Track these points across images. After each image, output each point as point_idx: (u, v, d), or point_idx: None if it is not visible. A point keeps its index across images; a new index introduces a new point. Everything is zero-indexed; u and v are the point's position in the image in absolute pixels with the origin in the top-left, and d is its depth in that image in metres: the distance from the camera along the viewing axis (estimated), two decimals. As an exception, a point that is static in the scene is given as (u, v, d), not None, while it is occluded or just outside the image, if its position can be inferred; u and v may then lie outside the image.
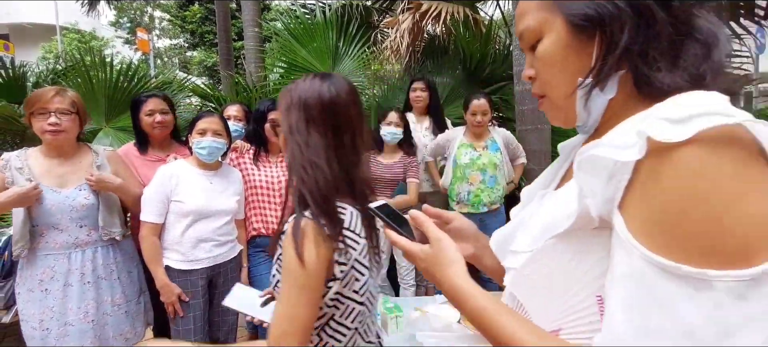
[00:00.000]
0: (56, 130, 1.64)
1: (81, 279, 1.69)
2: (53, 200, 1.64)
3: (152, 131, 2.09)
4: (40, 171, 1.65)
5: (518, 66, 3.02)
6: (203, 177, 1.95)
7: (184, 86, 4.73)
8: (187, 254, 1.89)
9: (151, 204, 1.82)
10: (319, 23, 4.39)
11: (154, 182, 1.84)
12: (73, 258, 1.69)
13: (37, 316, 1.61)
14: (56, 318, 1.64)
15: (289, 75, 4.23)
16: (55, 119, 1.63)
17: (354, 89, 0.97)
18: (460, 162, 2.66)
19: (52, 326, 1.64)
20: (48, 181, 1.65)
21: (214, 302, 2.03)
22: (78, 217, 1.68)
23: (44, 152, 1.70)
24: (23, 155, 1.65)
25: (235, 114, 2.52)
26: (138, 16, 18.63)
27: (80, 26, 16.87)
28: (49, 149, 1.69)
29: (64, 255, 1.67)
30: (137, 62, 4.91)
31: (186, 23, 14.94)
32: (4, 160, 1.62)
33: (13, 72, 4.04)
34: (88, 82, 3.75)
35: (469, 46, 3.85)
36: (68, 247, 1.68)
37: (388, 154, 2.73)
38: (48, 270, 1.65)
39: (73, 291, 1.68)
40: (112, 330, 1.77)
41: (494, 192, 2.62)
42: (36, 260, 1.64)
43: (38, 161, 1.67)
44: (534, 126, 2.98)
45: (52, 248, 1.66)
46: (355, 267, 0.90)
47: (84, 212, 1.70)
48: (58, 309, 1.65)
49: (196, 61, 15.06)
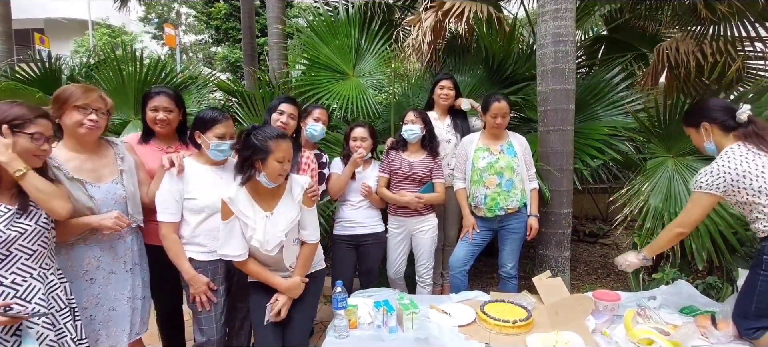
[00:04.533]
0: (94, 126, 1.71)
1: (124, 266, 1.81)
2: (98, 195, 1.72)
3: (154, 126, 2.13)
4: (74, 167, 1.69)
5: (542, 66, 2.97)
6: (212, 173, 1.99)
7: (209, 81, 4.84)
8: (208, 246, 1.94)
9: (165, 205, 1.88)
10: (341, 21, 4.42)
11: (164, 184, 1.89)
12: (118, 247, 1.79)
13: (80, 305, 1.68)
14: (101, 303, 1.75)
15: (311, 72, 4.28)
16: (95, 116, 1.70)
17: None
18: (477, 166, 2.63)
19: (96, 312, 1.74)
20: (85, 177, 1.72)
21: (231, 289, 2.09)
22: (119, 209, 1.77)
23: (70, 147, 1.73)
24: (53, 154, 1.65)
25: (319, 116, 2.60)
26: (165, 13, 19.11)
27: (110, 22, 17.44)
28: (78, 144, 1.74)
29: (109, 245, 1.77)
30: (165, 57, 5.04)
31: (211, 20, 15.22)
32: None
33: (50, 65, 4.21)
34: (119, 76, 3.88)
35: (491, 45, 3.81)
36: (113, 237, 1.78)
37: (412, 152, 2.74)
38: (93, 260, 1.73)
39: (117, 278, 1.78)
40: (140, 313, 1.89)
41: (511, 196, 2.57)
42: (80, 252, 1.71)
43: (67, 156, 1.71)
44: (556, 127, 2.93)
45: (99, 240, 1.74)
46: None
47: (122, 203, 1.80)
48: (102, 295, 1.75)
49: (220, 57, 15.32)
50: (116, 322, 1.78)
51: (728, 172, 1.72)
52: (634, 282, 2.89)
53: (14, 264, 1.43)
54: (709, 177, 1.77)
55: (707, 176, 1.77)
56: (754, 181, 1.69)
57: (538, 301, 2.21)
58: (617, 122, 3.36)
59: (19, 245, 1.44)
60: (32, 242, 1.47)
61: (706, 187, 1.77)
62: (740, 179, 1.70)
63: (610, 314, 1.94)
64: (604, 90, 3.56)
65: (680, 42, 3.90)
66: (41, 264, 1.50)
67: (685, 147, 2.91)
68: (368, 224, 2.67)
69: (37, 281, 1.47)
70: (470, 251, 2.67)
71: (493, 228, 2.68)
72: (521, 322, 1.89)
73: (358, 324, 2.00)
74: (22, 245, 1.44)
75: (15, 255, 1.43)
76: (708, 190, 1.77)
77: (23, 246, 1.44)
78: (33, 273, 1.47)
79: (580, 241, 4.93)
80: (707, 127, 1.90)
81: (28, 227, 1.45)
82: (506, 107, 2.58)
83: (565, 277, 2.97)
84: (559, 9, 2.85)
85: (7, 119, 1.40)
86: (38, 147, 1.46)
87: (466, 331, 1.89)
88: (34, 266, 1.48)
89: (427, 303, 2.19)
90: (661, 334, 1.75)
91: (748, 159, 1.72)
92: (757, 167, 1.70)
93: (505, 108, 2.58)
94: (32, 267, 1.47)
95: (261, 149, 1.72)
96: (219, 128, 1.93)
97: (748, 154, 1.74)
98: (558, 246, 3.01)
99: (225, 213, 1.78)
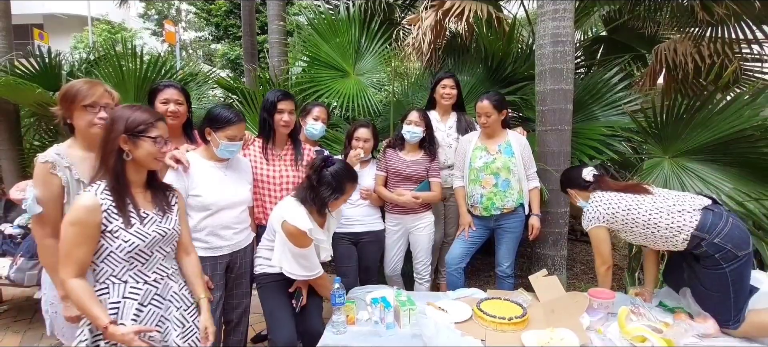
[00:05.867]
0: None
1: None
2: None
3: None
4: (89, 167, 1.62)
5: (540, 66, 2.99)
6: (217, 169, 2.02)
7: (208, 78, 4.85)
8: (210, 242, 1.97)
9: None
10: (342, 19, 4.44)
11: (170, 180, 1.88)
12: None
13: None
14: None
15: (311, 69, 4.29)
16: (104, 113, 1.64)
17: None
18: (474, 165, 2.65)
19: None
20: None
21: (229, 285, 2.11)
22: None
23: (82, 147, 1.67)
24: (64, 152, 1.63)
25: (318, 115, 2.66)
26: (165, 9, 19.08)
27: (110, 18, 17.41)
28: (90, 144, 1.66)
29: None
30: (165, 54, 5.05)
31: (211, 16, 15.22)
32: (51, 161, 1.58)
33: (50, 61, 4.22)
34: (119, 72, 3.89)
35: (491, 44, 3.82)
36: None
37: (409, 151, 2.76)
38: None
39: None
40: None
41: (507, 196, 2.59)
42: None
43: (79, 156, 1.65)
44: (554, 127, 2.95)
45: None
46: None
47: None
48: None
49: (220, 54, 15.33)
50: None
51: (601, 205, 2.07)
52: (629, 282, 2.91)
53: (155, 263, 1.53)
54: (591, 216, 2.09)
55: (589, 218, 2.10)
56: (634, 212, 1.98)
57: (534, 299, 2.23)
58: (615, 122, 3.38)
59: (160, 247, 1.53)
60: (167, 245, 1.57)
61: (594, 223, 2.07)
62: (624, 211, 2.01)
63: (604, 312, 1.96)
64: (602, 90, 3.58)
65: (678, 43, 3.92)
66: (172, 264, 1.62)
67: (681, 148, 2.94)
68: (367, 222, 2.70)
69: (172, 281, 1.58)
70: (466, 249, 2.69)
71: (490, 227, 2.70)
72: (517, 319, 1.92)
73: (355, 320, 2.02)
74: (161, 247, 1.54)
75: (155, 256, 1.52)
76: (596, 224, 2.07)
77: (162, 248, 1.54)
78: (168, 272, 1.57)
79: (577, 240, 4.96)
80: (571, 193, 2.29)
81: (167, 230, 1.55)
82: (488, 106, 2.57)
83: (561, 276, 3.00)
84: (558, 9, 2.87)
85: (132, 125, 1.45)
86: (159, 150, 1.51)
87: (463, 328, 1.92)
88: (168, 266, 1.58)
89: (424, 300, 2.21)
90: (654, 332, 1.78)
91: (611, 197, 2.07)
92: (628, 202, 2.02)
93: (485, 107, 2.58)
94: (167, 266, 1.58)
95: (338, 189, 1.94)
96: (232, 130, 1.96)
97: (609, 195, 2.09)
98: (555, 245, 3.04)
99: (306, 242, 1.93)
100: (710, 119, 2.84)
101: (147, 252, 1.48)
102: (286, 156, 2.40)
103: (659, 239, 1.94)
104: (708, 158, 2.87)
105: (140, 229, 1.46)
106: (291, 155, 2.41)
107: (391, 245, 2.80)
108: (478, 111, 2.61)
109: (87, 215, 1.37)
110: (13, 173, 4.38)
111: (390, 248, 2.81)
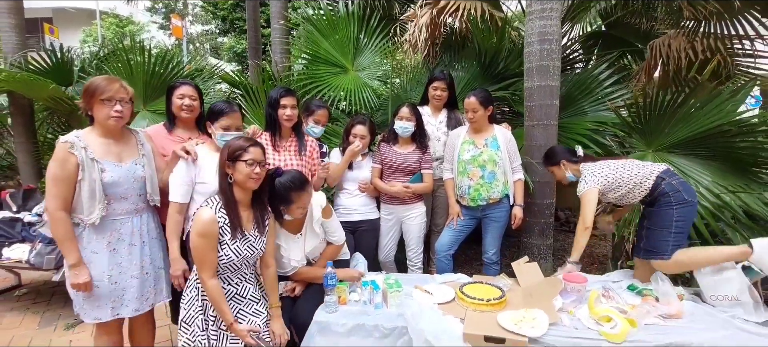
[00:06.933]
0: (120, 117, 1.90)
1: (140, 239, 2.01)
2: (119, 173, 1.91)
3: (180, 113, 2.33)
4: (101, 150, 1.89)
5: (528, 63, 3.11)
6: None
7: (214, 73, 5.02)
8: None
9: (178, 187, 2.06)
10: (341, 16, 4.56)
11: (179, 168, 2.07)
12: (135, 222, 1.99)
13: (105, 273, 1.90)
14: (123, 272, 1.95)
15: (311, 66, 4.43)
16: (120, 107, 1.89)
17: None
18: (462, 158, 2.79)
19: (120, 280, 1.95)
20: (109, 158, 1.91)
21: None
22: (138, 187, 1.99)
23: (99, 134, 1.92)
24: (82, 136, 1.87)
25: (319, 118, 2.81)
26: (172, 3, 19.26)
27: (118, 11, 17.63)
28: (107, 132, 1.93)
29: (129, 219, 1.97)
30: (172, 49, 5.22)
31: (218, 10, 15.36)
32: (70, 142, 1.80)
33: (62, 57, 4.40)
34: (128, 67, 4.06)
35: (484, 41, 3.93)
36: (130, 213, 1.98)
37: (402, 145, 2.91)
38: (115, 232, 1.93)
39: (136, 250, 1.99)
40: (154, 283, 2.08)
41: (493, 187, 2.73)
42: (104, 225, 1.90)
43: (96, 141, 1.90)
44: (540, 122, 3.08)
45: (120, 214, 1.94)
46: None
47: (141, 182, 2.00)
48: (125, 264, 1.96)
49: (227, 47, 15.48)
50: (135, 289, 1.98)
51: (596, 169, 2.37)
52: (612, 269, 3.05)
53: (241, 271, 1.91)
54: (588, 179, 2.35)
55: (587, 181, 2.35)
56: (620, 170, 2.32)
57: (515, 283, 2.38)
58: (603, 117, 3.49)
59: (246, 261, 1.89)
60: (253, 260, 1.94)
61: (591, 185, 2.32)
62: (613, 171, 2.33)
63: (577, 295, 2.11)
64: (591, 86, 3.69)
65: (672, 39, 4.00)
66: (251, 270, 1.98)
67: (664, 142, 3.05)
68: (363, 211, 2.86)
69: (249, 284, 1.94)
70: (455, 237, 2.85)
71: (477, 217, 2.85)
72: (495, 300, 2.07)
73: (347, 300, 2.19)
74: (247, 261, 1.90)
75: (242, 267, 1.90)
76: (593, 186, 2.31)
77: (248, 262, 1.91)
78: (247, 276, 1.95)
79: (562, 230, 5.09)
80: (562, 165, 2.58)
81: (256, 250, 1.90)
82: (475, 102, 2.70)
83: (547, 264, 3.15)
84: (545, 9, 2.99)
85: (232, 151, 1.79)
86: (252, 171, 1.79)
87: (444, 308, 2.07)
88: (248, 272, 1.95)
89: (412, 283, 2.38)
90: (619, 313, 1.92)
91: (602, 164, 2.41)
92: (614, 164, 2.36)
93: (472, 104, 2.71)
94: (247, 273, 1.95)
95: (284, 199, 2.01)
96: (224, 120, 2.13)
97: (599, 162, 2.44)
98: (541, 235, 3.18)
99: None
100: (691, 114, 2.95)
101: (237, 264, 1.85)
102: (290, 147, 2.58)
103: (634, 187, 2.28)
104: (689, 151, 2.99)
105: (239, 247, 1.82)
106: (295, 146, 2.59)
107: (385, 232, 2.96)
108: (465, 107, 2.75)
109: (210, 226, 1.75)
110: (29, 164, 4.60)
111: (383, 236, 2.97)
